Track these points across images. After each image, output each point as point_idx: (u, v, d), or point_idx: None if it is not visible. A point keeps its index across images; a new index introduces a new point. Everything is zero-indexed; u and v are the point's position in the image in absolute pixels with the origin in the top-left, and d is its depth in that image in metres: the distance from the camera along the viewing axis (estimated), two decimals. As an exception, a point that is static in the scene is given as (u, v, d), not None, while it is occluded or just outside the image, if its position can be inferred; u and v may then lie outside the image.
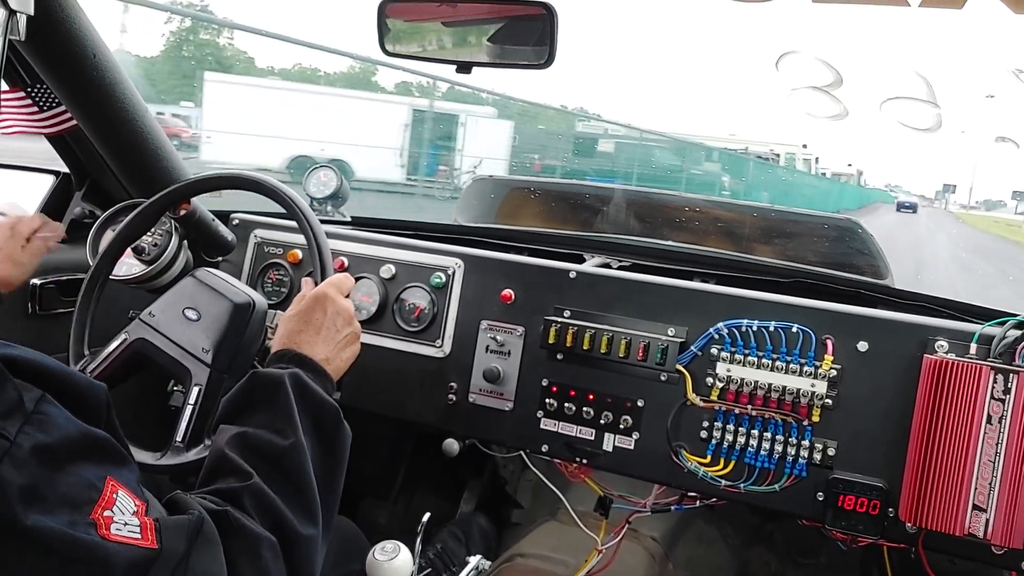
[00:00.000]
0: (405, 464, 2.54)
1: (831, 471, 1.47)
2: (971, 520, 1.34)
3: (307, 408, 1.11)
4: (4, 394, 0.75)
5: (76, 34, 1.60)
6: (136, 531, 0.78)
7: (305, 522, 1.01)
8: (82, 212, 1.98)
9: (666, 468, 1.58)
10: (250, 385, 1.14)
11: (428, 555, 1.94)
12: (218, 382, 1.39)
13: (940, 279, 11.92)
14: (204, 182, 1.57)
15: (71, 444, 0.78)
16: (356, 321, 1.35)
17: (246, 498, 0.97)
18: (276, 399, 1.10)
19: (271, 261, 1.93)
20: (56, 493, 0.74)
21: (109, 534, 0.76)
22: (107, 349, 1.48)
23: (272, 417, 1.09)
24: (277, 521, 0.97)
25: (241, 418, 1.10)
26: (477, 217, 2.87)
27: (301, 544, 0.99)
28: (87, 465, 0.78)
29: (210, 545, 0.87)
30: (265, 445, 1.04)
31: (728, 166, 20.66)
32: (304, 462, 1.05)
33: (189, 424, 1.38)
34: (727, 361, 1.54)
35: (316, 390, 1.15)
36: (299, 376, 1.15)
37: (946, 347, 1.42)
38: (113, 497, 0.78)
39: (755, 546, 2.38)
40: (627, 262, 1.92)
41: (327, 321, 1.29)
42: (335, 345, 1.28)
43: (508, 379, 1.70)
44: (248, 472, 1.00)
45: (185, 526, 0.84)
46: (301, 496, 1.02)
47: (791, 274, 1.85)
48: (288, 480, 1.02)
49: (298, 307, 1.31)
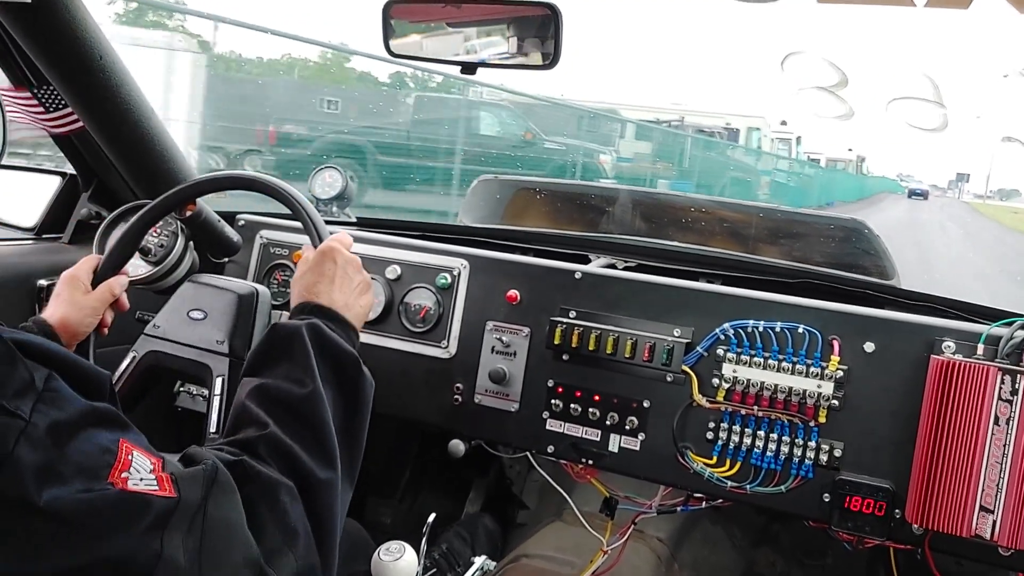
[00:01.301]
0: (411, 464, 2.54)
1: (838, 472, 1.47)
2: (978, 521, 1.33)
3: (325, 357, 1.14)
4: (16, 374, 0.77)
5: (82, 36, 1.60)
6: (154, 484, 0.80)
7: (323, 467, 1.02)
8: (89, 213, 1.99)
9: (672, 469, 1.58)
10: (269, 338, 1.17)
11: (433, 555, 1.94)
12: (239, 368, 1.40)
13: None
14: (209, 183, 1.58)
15: (82, 415, 0.80)
16: (364, 271, 1.36)
17: (262, 446, 0.99)
18: (294, 349, 1.13)
19: (277, 262, 1.93)
20: (71, 465, 0.76)
21: (127, 487, 0.78)
22: (118, 371, 1.49)
23: (291, 367, 1.11)
24: (294, 467, 0.99)
25: (262, 370, 1.13)
26: (482, 218, 2.87)
27: (320, 488, 1.01)
28: (100, 431, 0.80)
29: (226, 492, 0.88)
30: (283, 394, 1.07)
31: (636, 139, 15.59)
32: (322, 409, 1.07)
33: (220, 413, 1.39)
34: (733, 362, 1.53)
35: (334, 338, 1.17)
36: (317, 325, 1.17)
37: (953, 348, 1.41)
38: (129, 459, 0.80)
39: (761, 547, 2.38)
40: (633, 263, 1.91)
41: (339, 270, 1.30)
42: (350, 291, 1.30)
43: (514, 380, 1.70)
44: (265, 422, 1.03)
45: (200, 476, 0.86)
46: (319, 442, 1.04)
47: (797, 275, 1.85)
48: (305, 427, 1.04)
49: (307, 265, 1.32)
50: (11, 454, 0.72)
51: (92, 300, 1.48)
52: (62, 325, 1.43)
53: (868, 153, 41.65)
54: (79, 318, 1.46)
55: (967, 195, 41.15)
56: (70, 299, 1.46)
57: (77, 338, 1.47)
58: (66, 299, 1.46)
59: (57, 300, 1.46)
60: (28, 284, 1.79)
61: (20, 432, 0.73)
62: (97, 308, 1.49)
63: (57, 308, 1.45)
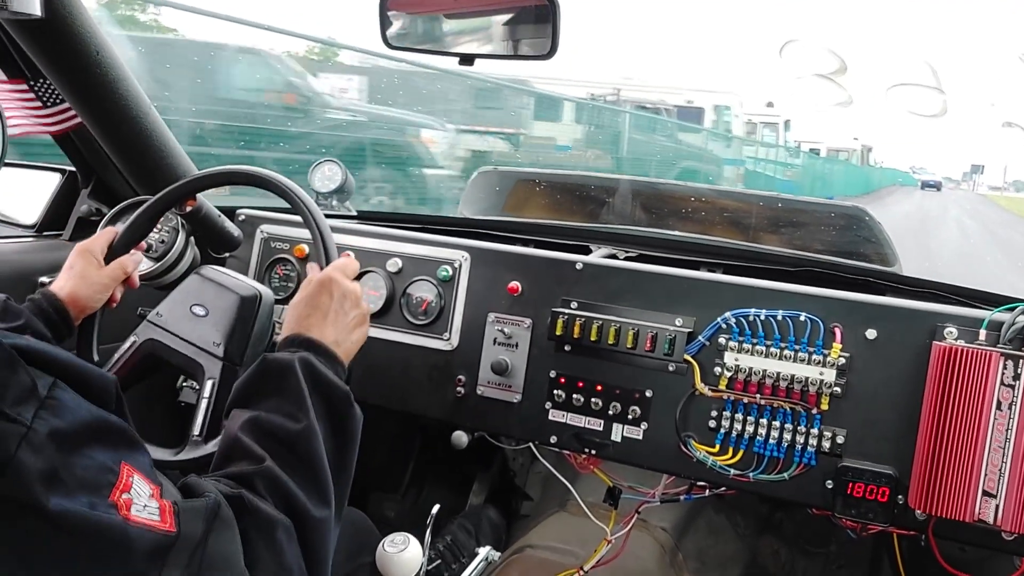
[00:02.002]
0: (414, 457, 2.55)
1: (840, 459, 1.47)
2: (981, 506, 1.33)
3: (318, 391, 1.12)
4: (18, 380, 0.76)
5: (79, 31, 1.60)
6: (155, 514, 0.79)
7: (318, 504, 1.01)
8: (89, 210, 1.99)
9: (675, 458, 1.58)
10: (261, 370, 1.15)
11: (438, 547, 1.95)
12: (232, 374, 1.40)
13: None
14: (209, 178, 1.57)
15: (85, 428, 0.79)
16: (364, 303, 1.35)
17: (259, 481, 0.98)
18: (287, 383, 1.11)
19: (278, 256, 1.93)
20: (74, 477, 0.75)
21: (130, 515, 0.77)
22: (118, 353, 1.49)
23: (283, 401, 1.09)
24: (291, 504, 0.98)
25: (253, 403, 1.11)
26: (483, 210, 2.87)
27: (315, 526, 0.99)
28: (102, 449, 0.79)
29: (227, 528, 0.88)
30: (277, 428, 1.05)
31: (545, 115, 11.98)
32: (316, 445, 1.05)
33: (206, 417, 1.38)
34: (735, 350, 1.53)
35: (326, 373, 1.15)
36: (309, 360, 1.15)
37: (955, 334, 1.41)
38: (129, 481, 0.79)
39: (765, 535, 2.38)
40: (634, 253, 1.91)
41: (334, 304, 1.28)
42: (343, 328, 1.28)
43: (516, 371, 1.70)
44: (261, 456, 1.01)
45: (202, 509, 0.85)
46: (314, 479, 1.03)
47: (799, 263, 1.85)
48: (301, 463, 1.03)
49: (304, 292, 1.30)
50: (13, 458, 0.71)
51: (104, 276, 1.48)
52: (71, 299, 1.43)
53: (876, 145, 39.00)
54: (89, 293, 1.46)
55: (981, 187, 40.30)
56: (82, 273, 1.46)
57: (85, 312, 1.47)
58: (78, 273, 1.46)
59: (69, 273, 1.46)
60: (29, 281, 1.79)
61: (21, 437, 0.72)
62: (108, 285, 1.49)
63: (68, 281, 1.45)
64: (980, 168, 41.12)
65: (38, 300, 1.40)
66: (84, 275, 1.46)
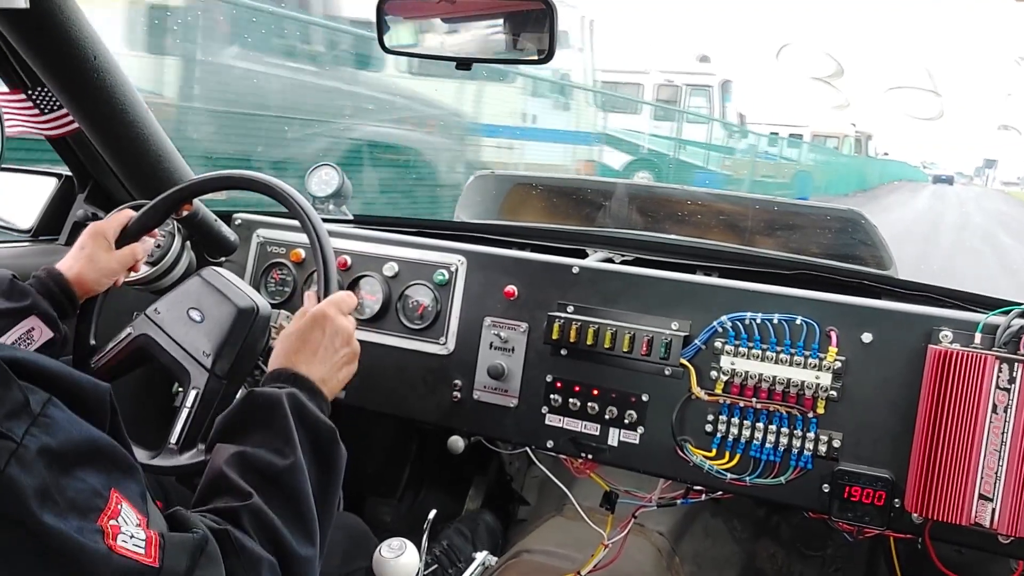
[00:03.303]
0: (410, 462, 2.54)
1: (837, 463, 1.47)
2: (977, 509, 1.34)
3: (305, 428, 1.11)
4: (9, 395, 0.75)
5: (76, 36, 1.60)
6: (141, 545, 0.79)
7: (303, 542, 1.00)
8: (85, 214, 1.98)
9: (671, 462, 1.58)
10: (247, 404, 1.14)
11: (434, 552, 1.94)
12: (216, 388, 1.39)
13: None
14: (206, 183, 1.57)
15: (76, 449, 0.78)
16: (355, 340, 1.34)
17: (245, 517, 0.97)
18: (274, 419, 1.10)
19: (274, 261, 1.93)
20: (65, 498, 0.74)
21: (115, 545, 0.76)
22: (112, 341, 1.49)
23: (270, 436, 1.08)
24: (276, 541, 0.97)
25: (239, 437, 1.09)
26: (479, 214, 2.87)
27: (300, 565, 0.99)
28: (93, 473, 0.79)
29: (213, 564, 0.87)
30: (264, 464, 1.04)
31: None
32: (303, 482, 1.05)
33: (184, 427, 1.37)
34: (731, 354, 1.53)
35: (313, 410, 1.14)
36: (296, 396, 1.14)
37: (951, 337, 1.41)
38: (118, 508, 0.79)
39: (762, 539, 2.38)
40: (630, 256, 1.91)
41: (325, 341, 1.27)
42: (331, 366, 1.27)
43: (512, 375, 1.70)
44: (248, 492, 1.00)
45: (189, 544, 0.85)
46: (300, 516, 1.02)
47: (794, 266, 1.85)
48: (287, 500, 1.02)
49: (297, 325, 1.30)
50: (2, 473, 0.71)
51: (113, 260, 1.49)
52: (78, 280, 1.44)
53: (878, 133, 35.44)
54: (96, 276, 1.46)
55: (995, 183, 39.21)
56: (92, 256, 1.46)
57: (89, 294, 1.48)
58: (88, 255, 1.46)
59: (80, 254, 1.46)
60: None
61: (11, 453, 0.72)
62: (116, 270, 1.50)
63: (76, 262, 1.45)
64: (993, 163, 40.07)
65: (44, 279, 1.41)
66: (93, 257, 1.46)
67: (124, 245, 1.51)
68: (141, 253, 1.54)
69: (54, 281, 1.41)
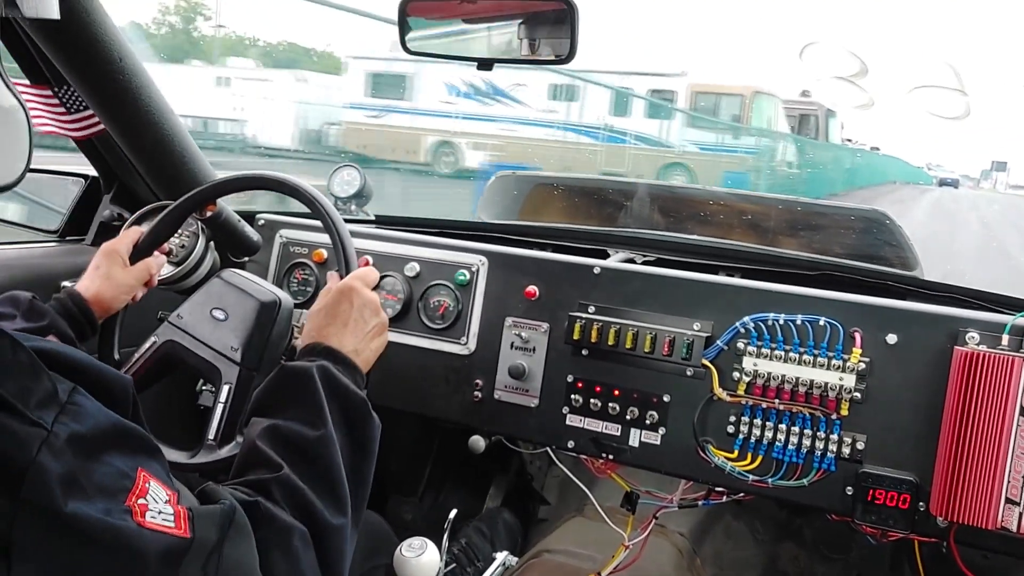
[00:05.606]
0: (431, 461, 2.55)
1: (860, 465, 1.46)
2: (1004, 514, 1.32)
3: (336, 400, 1.12)
4: (39, 385, 0.77)
5: (102, 38, 1.62)
6: (170, 519, 0.79)
7: (335, 512, 1.02)
8: (111, 215, 2.01)
9: (693, 463, 1.57)
10: (279, 378, 1.16)
11: (453, 551, 1.95)
12: (248, 380, 1.41)
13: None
14: (229, 183, 1.59)
15: (103, 434, 0.79)
16: (383, 312, 1.35)
17: (276, 489, 0.98)
18: (305, 391, 1.12)
19: (297, 261, 1.94)
20: (92, 482, 0.75)
21: (144, 521, 0.77)
22: (137, 352, 1.51)
23: (302, 409, 1.10)
24: (307, 511, 0.98)
25: (271, 411, 1.11)
26: (500, 214, 2.87)
27: (331, 534, 1.00)
28: (119, 455, 0.80)
29: (243, 535, 0.88)
30: (295, 436, 1.06)
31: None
32: (334, 453, 1.06)
33: (221, 422, 1.39)
34: (754, 355, 1.53)
35: (344, 382, 1.16)
36: (327, 368, 1.16)
37: (977, 339, 1.40)
38: (146, 487, 0.80)
39: (784, 541, 2.37)
40: (652, 257, 1.91)
41: (354, 313, 1.29)
42: (363, 337, 1.29)
43: (533, 375, 1.70)
44: (279, 463, 1.01)
45: (217, 515, 0.86)
46: (331, 487, 1.03)
47: (818, 267, 1.84)
48: (318, 471, 1.04)
49: (324, 301, 1.31)
50: (34, 461, 0.72)
51: (129, 277, 1.52)
52: (96, 299, 1.46)
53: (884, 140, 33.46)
54: (114, 294, 1.49)
55: (1003, 186, 37.76)
56: (107, 274, 1.49)
57: (108, 312, 1.50)
58: (104, 273, 1.49)
59: (95, 273, 1.49)
60: (52, 286, 1.80)
61: (42, 441, 0.73)
62: (132, 286, 1.52)
63: (93, 281, 1.48)
64: (1003, 164, 38.45)
65: (63, 300, 1.43)
66: (109, 275, 1.49)
67: (138, 260, 1.54)
68: (155, 267, 1.57)
69: (73, 301, 1.43)
